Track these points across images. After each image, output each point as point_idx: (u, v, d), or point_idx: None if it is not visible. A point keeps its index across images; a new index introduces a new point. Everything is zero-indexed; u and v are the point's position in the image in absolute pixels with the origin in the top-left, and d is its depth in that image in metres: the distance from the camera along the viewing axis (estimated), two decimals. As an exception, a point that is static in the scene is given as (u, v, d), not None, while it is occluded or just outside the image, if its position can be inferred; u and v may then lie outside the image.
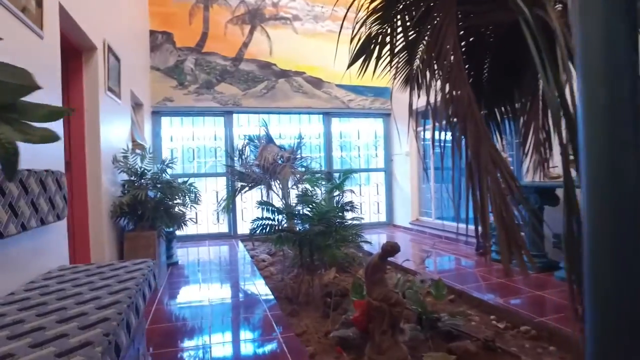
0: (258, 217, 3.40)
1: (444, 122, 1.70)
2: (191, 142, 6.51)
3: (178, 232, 6.00)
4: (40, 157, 2.00)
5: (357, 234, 3.85)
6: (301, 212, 3.54)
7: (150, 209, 3.47)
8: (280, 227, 3.40)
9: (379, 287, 2.16)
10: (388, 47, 2.46)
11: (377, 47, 2.49)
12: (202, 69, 6.31)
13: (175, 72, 6.18)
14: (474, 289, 3.43)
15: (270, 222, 3.37)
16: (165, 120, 6.33)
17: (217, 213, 6.39)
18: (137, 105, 5.34)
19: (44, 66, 2.13)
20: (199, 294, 3.51)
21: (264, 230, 3.33)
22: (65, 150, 2.98)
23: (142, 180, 3.52)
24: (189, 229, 6.41)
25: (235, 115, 6.57)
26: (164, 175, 3.91)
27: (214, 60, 6.37)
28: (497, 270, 3.94)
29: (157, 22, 6.11)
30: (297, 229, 3.47)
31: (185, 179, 4.16)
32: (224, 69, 6.41)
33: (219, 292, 3.55)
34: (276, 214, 3.49)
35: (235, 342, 2.55)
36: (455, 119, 1.53)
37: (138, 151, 4.24)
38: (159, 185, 3.66)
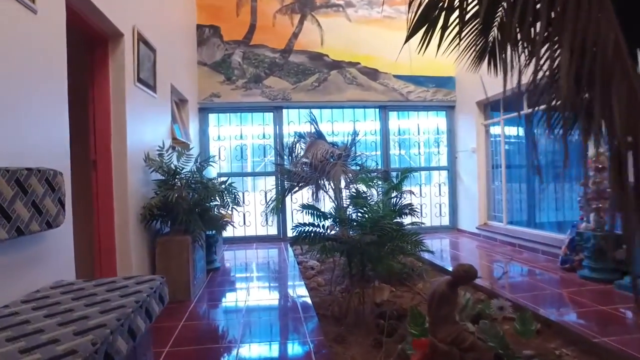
0: (300, 223, 2.95)
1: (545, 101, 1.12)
2: (239, 140, 6.23)
3: (226, 234, 5.79)
4: (31, 151, 1.67)
5: (417, 243, 3.27)
6: (351, 217, 3.03)
7: (183, 212, 3.14)
8: (325, 234, 2.92)
9: (448, 324, 1.60)
10: (457, 12, 1.89)
11: (443, 14, 1.93)
12: (250, 62, 6.00)
13: (223, 66, 5.93)
14: (567, 316, 2.72)
15: (314, 228, 2.89)
16: (212, 118, 6.10)
17: (266, 214, 6.05)
18: (181, 102, 5.12)
19: (38, 49, 1.80)
20: (233, 308, 3.12)
21: (306, 239, 2.87)
22: (90, 148, 2.72)
23: (177, 180, 3.19)
24: (237, 231, 6.22)
25: (284, 111, 6.19)
26: (200, 174, 3.59)
27: (262, 53, 6.04)
28: (593, 292, 3.18)
29: (204, 16, 5.89)
30: (349, 235, 2.97)
31: (225, 179, 3.81)
32: (273, 61, 6.06)
33: (255, 308, 3.14)
34: (321, 218, 3.02)
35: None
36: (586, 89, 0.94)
37: (179, 148, 3.97)
38: (193, 186, 3.33)
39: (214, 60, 5.91)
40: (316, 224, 2.95)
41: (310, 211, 2.99)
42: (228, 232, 5.87)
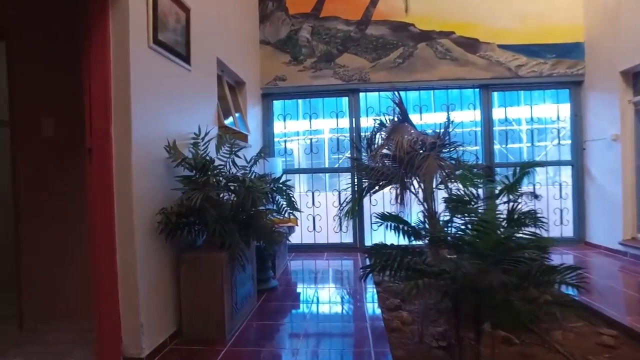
0: (378, 244, 1.93)
1: None
2: (308, 130, 5.33)
3: (293, 240, 4.95)
4: None
5: (564, 277, 2.04)
6: (455, 237, 1.93)
7: (214, 220, 2.28)
8: (417, 263, 1.85)
9: None
10: None
11: None
12: (320, 38, 5.07)
13: (288, 44, 5.07)
14: None
15: (400, 255, 1.84)
16: (277, 105, 5.28)
17: (340, 219, 5.09)
18: (237, 84, 4.34)
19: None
20: None
21: (388, 269, 1.83)
22: (86, 131, 1.96)
23: (209, 177, 2.34)
24: (306, 237, 5.35)
25: (361, 94, 5.16)
26: (250, 170, 2.72)
27: (334, 26, 5.07)
28: None
29: (267, -12, 5.09)
30: (454, 264, 1.87)
31: (280, 176, 2.90)
32: (347, 36, 5.05)
33: None
34: (411, 237, 1.96)
35: None
36: None
37: (227, 137, 3.15)
38: (232, 186, 2.46)
39: (278, 37, 5.08)
40: (403, 246, 1.90)
41: (394, 225, 1.95)
42: (295, 238, 5.01)
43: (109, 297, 1.94)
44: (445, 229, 2.18)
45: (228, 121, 3.72)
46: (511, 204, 2.58)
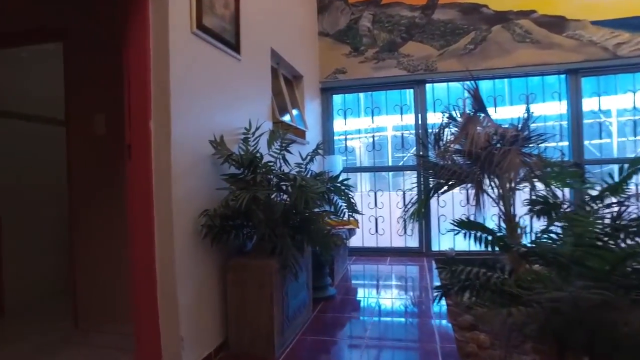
0: (449, 258, 1.57)
1: None
2: (371, 126, 4.99)
3: (354, 242, 4.65)
4: None
5: None
6: (555, 251, 1.52)
7: (263, 223, 2.04)
8: (501, 281, 1.47)
9: None
10: None
11: None
12: (382, 26, 4.71)
13: (348, 35, 4.77)
14: None
15: (479, 269, 1.47)
16: (337, 99, 5.00)
17: (404, 221, 4.69)
18: (294, 78, 4.13)
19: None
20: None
21: (467, 290, 1.47)
22: (125, 126, 1.81)
23: (258, 175, 2.10)
24: (368, 239, 5.01)
25: (428, 86, 4.72)
26: (306, 168, 2.47)
27: (397, 12, 4.68)
28: None
29: (326, -24, 4.82)
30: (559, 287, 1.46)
31: (337, 174, 2.61)
32: (412, 22, 4.64)
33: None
34: (497, 247, 1.58)
35: None
36: None
37: (281, 132, 2.93)
38: (283, 185, 2.21)
39: (337, 28, 4.79)
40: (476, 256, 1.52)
41: (473, 233, 1.58)
42: (356, 241, 4.71)
43: (148, 307, 1.77)
44: (526, 235, 1.76)
45: (285, 118, 3.51)
46: (616, 207, 2.08)
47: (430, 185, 3.83)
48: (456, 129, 3.70)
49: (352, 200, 2.46)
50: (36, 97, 3.28)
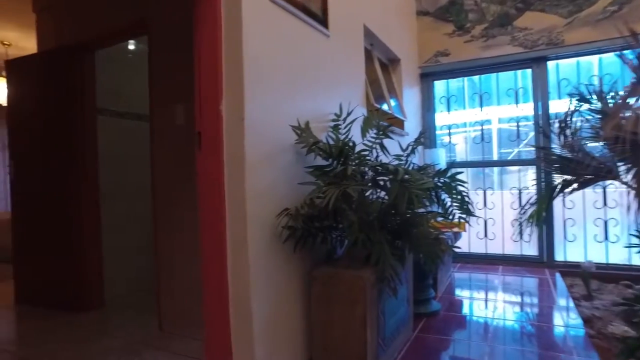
0: (593, 268, 1.05)
1: None
2: (478, 115, 4.34)
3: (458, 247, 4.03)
4: None
5: None
6: None
7: (357, 226, 1.67)
8: None
9: None
10: None
11: None
12: (492, -3, 4.04)
13: (451, 11, 4.18)
14: None
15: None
16: (439, 86, 4.43)
17: (520, 225, 3.99)
18: (390, 62, 3.69)
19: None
20: None
21: None
22: (195, 111, 1.57)
23: (349, 165, 1.73)
24: (475, 245, 4.35)
25: (551, 64, 3.94)
26: (406, 161, 2.04)
27: (512, -22, 3.98)
28: None
29: (426, -52, 4.29)
30: None
31: (446, 169, 2.13)
32: (531, -12, 3.91)
33: None
34: None
35: None
36: None
37: (376, 122, 2.54)
38: (380, 180, 1.81)
39: (438, 5, 4.23)
40: None
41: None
42: (461, 246, 4.11)
43: (218, 322, 1.51)
44: None
45: (377, 102, 3.10)
46: None
47: (555, 183, 3.13)
48: (593, 113, 2.95)
49: (467, 198, 1.96)
50: (128, 94, 3.32)
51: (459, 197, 1.95)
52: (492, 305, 2.93)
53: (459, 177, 1.97)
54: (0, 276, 3.91)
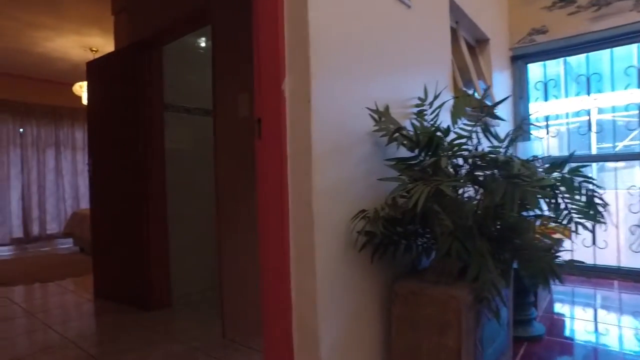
0: None
1: None
2: (583, 104, 3.69)
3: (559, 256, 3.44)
4: None
5: None
6: None
7: (450, 233, 1.32)
8: None
9: None
10: None
11: None
12: (606, -41, 3.39)
13: (552, -20, 3.59)
14: None
15: None
16: (534, 70, 3.84)
17: (640, 231, 3.32)
18: (477, 43, 3.23)
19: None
20: None
21: None
22: (255, 94, 1.33)
23: (441, 157, 1.39)
24: (580, 253, 3.67)
25: (684, 35, 3.21)
26: (505, 154, 1.64)
27: None
28: None
29: None
30: None
31: (563, 163, 1.68)
32: (658, -56, 3.20)
33: None
34: None
35: None
36: None
37: (475, 108, 2.15)
38: (479, 175, 1.43)
39: (535, -26, 3.66)
40: None
41: None
42: (563, 254, 3.51)
43: (280, 347, 1.25)
44: None
45: (465, 85, 2.68)
46: None
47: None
48: None
49: (597, 200, 1.52)
50: (197, 90, 3.24)
51: (585, 197, 1.51)
52: (606, 329, 2.38)
53: (582, 172, 1.53)
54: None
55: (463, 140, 1.43)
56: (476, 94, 2.80)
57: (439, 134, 1.41)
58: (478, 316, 1.46)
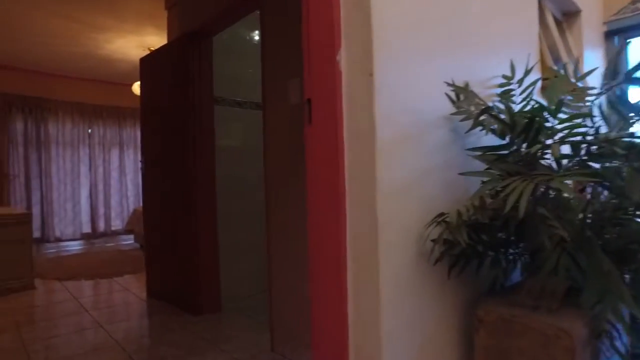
0: None
1: None
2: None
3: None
4: None
5: None
6: None
7: (560, 243, 0.99)
8: None
9: None
10: None
11: None
12: None
13: (659, -62, 3.01)
14: None
15: None
16: (634, 47, 3.26)
17: None
18: (566, 18, 2.77)
19: None
20: None
21: None
22: (304, 69, 1.09)
23: (543, 145, 1.06)
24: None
25: None
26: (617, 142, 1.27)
27: None
28: None
29: None
30: None
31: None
32: None
33: None
34: None
35: None
36: None
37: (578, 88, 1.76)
38: (597, 166, 1.08)
39: None
40: None
41: None
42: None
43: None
44: None
45: (554, 63, 2.27)
46: None
47: None
48: None
49: None
50: (248, 83, 3.07)
51: None
52: None
53: None
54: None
55: (579, 121, 1.07)
56: (563, 69, 2.37)
57: (542, 114, 1.07)
58: (596, 355, 1.11)
